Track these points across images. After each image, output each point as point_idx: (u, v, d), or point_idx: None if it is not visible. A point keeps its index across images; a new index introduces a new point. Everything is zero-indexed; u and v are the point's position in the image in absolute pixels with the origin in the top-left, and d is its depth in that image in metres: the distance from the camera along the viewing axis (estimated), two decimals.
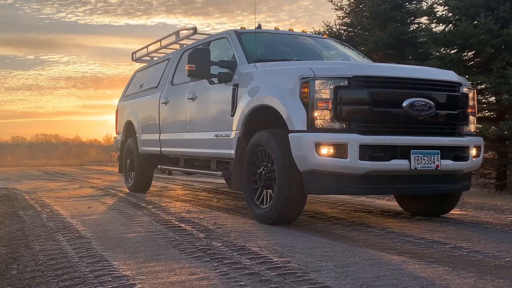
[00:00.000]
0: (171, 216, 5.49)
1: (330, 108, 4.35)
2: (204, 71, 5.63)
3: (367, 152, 4.31)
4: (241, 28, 6.30)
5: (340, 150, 4.30)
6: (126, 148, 8.85)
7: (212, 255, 3.51)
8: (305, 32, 7.01)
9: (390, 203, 6.51)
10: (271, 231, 4.48)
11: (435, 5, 12.59)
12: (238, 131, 5.28)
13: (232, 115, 5.42)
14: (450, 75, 4.90)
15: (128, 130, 8.87)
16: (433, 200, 5.27)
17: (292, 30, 6.78)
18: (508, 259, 3.34)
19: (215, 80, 5.82)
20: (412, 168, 4.42)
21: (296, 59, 5.84)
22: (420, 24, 13.48)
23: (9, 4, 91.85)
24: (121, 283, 2.88)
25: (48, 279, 3.06)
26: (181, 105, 6.82)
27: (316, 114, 4.38)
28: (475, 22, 9.99)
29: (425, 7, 12.96)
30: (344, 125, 4.36)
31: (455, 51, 10.64)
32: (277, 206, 4.62)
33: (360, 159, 4.27)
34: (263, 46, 5.85)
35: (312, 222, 5.04)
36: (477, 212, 5.81)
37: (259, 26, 6.50)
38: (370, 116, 4.38)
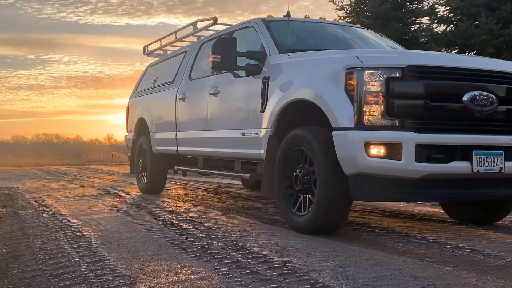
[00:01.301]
0: (172, 216, 5.48)
1: (380, 102, 3.82)
2: (230, 63, 5.12)
3: (424, 152, 3.78)
4: (268, 16, 5.78)
5: (394, 150, 3.77)
6: (138, 147, 8.35)
7: (213, 255, 3.51)
8: (337, 21, 6.51)
9: (390, 203, 6.50)
10: (272, 231, 4.48)
11: (436, 5, 12.60)
12: (269, 129, 4.79)
13: (262, 111, 4.92)
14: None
15: (141, 128, 8.37)
16: (484, 206, 4.79)
17: (324, 19, 6.32)
18: (509, 259, 3.33)
19: (240, 73, 5.37)
20: (475, 171, 3.89)
21: (330, 49, 5.14)
22: (421, 24, 13.50)
23: (10, 4, 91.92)
24: (122, 282, 2.88)
25: (49, 278, 3.06)
26: (201, 101, 6.31)
27: (365, 109, 3.85)
28: (476, 22, 10.00)
29: (426, 7, 12.98)
30: (396, 121, 3.84)
31: (456, 51, 10.64)
32: (318, 214, 4.12)
33: (417, 160, 3.74)
34: (293, 35, 5.27)
35: None
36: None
37: (288, 14, 5.97)
38: (426, 112, 3.85)
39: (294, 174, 4.42)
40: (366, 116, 3.86)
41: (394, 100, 3.82)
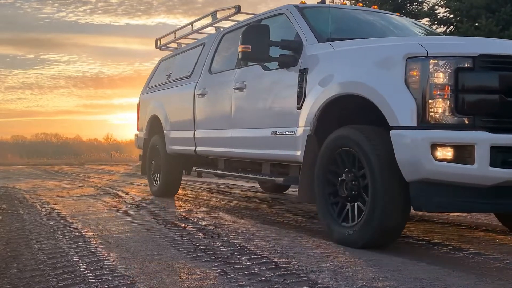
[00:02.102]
0: (171, 216, 5.48)
1: (448, 96, 3.33)
2: (262, 53, 4.57)
3: (499, 156, 3.27)
4: (301, 2, 5.31)
5: (464, 153, 3.28)
6: (151, 146, 7.75)
7: (212, 255, 3.51)
8: (376, 8, 6.03)
9: None
10: (271, 232, 4.48)
11: (436, 7, 12.61)
12: (308, 128, 4.25)
13: (299, 108, 4.38)
14: None
15: (153, 126, 7.77)
16: None
17: (362, 6, 5.70)
18: (508, 261, 3.33)
19: (270, 65, 4.88)
20: None
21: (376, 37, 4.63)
22: None
23: (10, 4, 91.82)
24: (121, 282, 2.88)
25: (48, 278, 3.06)
26: (223, 97, 5.74)
27: (430, 105, 3.35)
28: (476, 24, 10.00)
29: (426, 9, 12.99)
30: (466, 119, 3.33)
31: None
32: (370, 225, 3.58)
33: (491, 165, 3.24)
34: (331, 23, 4.63)
35: (312, 223, 5.03)
36: (477, 214, 5.80)
37: (323, 1, 5.55)
38: (502, 108, 3.34)
39: (340, 179, 3.91)
40: (432, 113, 3.36)
41: (464, 94, 3.34)
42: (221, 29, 6.78)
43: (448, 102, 3.34)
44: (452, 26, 11.40)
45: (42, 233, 4.62)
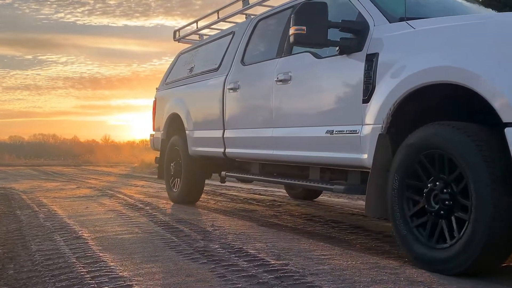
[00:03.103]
0: (169, 218, 5.48)
1: None
2: (320, 36, 3.82)
3: None
4: None
5: None
6: (170, 148, 7.02)
7: (210, 257, 3.51)
8: None
9: None
10: (269, 233, 4.48)
11: None
12: (379, 125, 3.49)
13: (366, 101, 3.64)
14: None
15: (173, 125, 7.05)
16: None
17: None
18: (506, 264, 3.33)
19: (322, 52, 4.19)
20: None
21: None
22: None
23: (8, 4, 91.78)
24: (118, 284, 2.88)
25: (45, 279, 3.05)
26: (261, 91, 5.00)
27: None
28: None
29: None
30: None
31: None
32: (476, 246, 2.84)
33: None
34: (398, 1, 3.87)
35: (309, 225, 5.03)
36: None
37: None
38: None
39: (426, 189, 3.19)
40: None
41: None
42: (252, 16, 6.11)
43: None
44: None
45: (39, 234, 4.61)
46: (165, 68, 8.10)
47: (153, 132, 7.75)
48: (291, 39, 3.91)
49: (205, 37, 7.38)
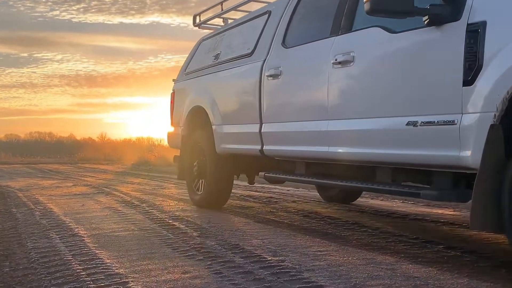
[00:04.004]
0: (165, 215, 5.47)
1: None
2: (404, 2, 3.11)
3: None
4: None
5: None
6: (192, 145, 6.24)
7: (206, 254, 3.51)
8: None
9: (384, 203, 6.51)
10: (265, 230, 4.48)
11: None
12: (492, 113, 2.72)
13: (468, 83, 2.88)
14: None
15: (196, 119, 6.20)
16: None
17: None
18: (501, 259, 3.34)
19: (394, 27, 3.42)
20: None
21: None
22: None
23: (2, 2, 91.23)
24: (114, 281, 2.87)
25: (41, 276, 3.05)
26: (313, 76, 4.22)
27: None
28: None
29: None
30: None
31: None
32: None
33: None
34: None
35: (306, 221, 5.03)
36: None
37: None
38: None
39: None
40: None
41: None
42: None
43: None
44: None
45: (35, 231, 4.60)
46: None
47: (171, 128, 6.93)
48: (366, 7, 3.17)
49: (229, 21, 6.50)
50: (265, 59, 4.93)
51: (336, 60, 3.88)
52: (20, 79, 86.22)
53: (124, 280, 2.89)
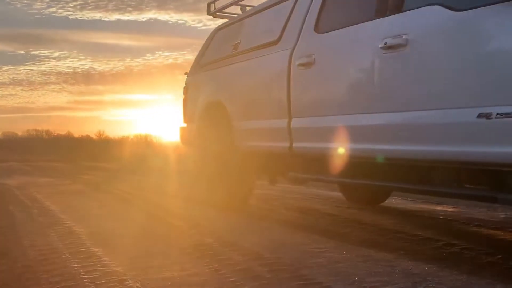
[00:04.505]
0: (163, 212, 5.46)
1: None
2: None
3: None
4: None
5: None
6: (208, 142, 5.78)
7: (204, 251, 3.50)
8: None
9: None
10: (263, 227, 4.47)
11: None
12: None
13: None
14: None
15: (212, 115, 5.67)
16: None
17: None
18: (500, 256, 3.34)
19: (456, 4, 3.00)
20: None
21: None
22: None
23: None
24: (112, 278, 2.86)
25: (38, 274, 3.03)
26: (355, 63, 3.74)
27: None
28: None
29: None
30: None
31: None
32: None
33: None
34: None
35: (304, 218, 5.03)
36: (470, 209, 5.81)
37: None
38: None
39: None
40: None
41: None
42: None
43: None
44: None
45: (33, 229, 4.58)
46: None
47: (184, 125, 6.46)
48: None
49: (247, 8, 6.00)
50: (294, 47, 4.39)
51: (385, 44, 3.37)
52: (17, 76, 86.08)
53: (122, 277, 2.88)
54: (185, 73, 6.66)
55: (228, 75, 5.47)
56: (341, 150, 3.84)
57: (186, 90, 6.46)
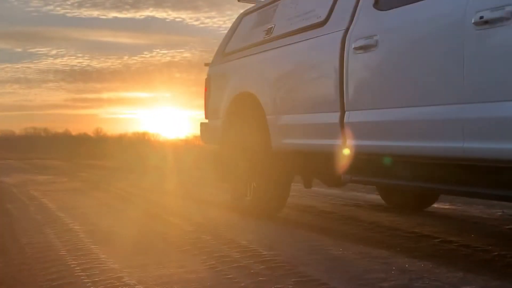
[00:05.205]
0: (161, 210, 5.46)
1: None
2: None
3: None
4: None
5: None
6: (237, 140, 5.10)
7: (202, 249, 3.50)
8: None
9: (379, 197, 6.51)
10: (261, 225, 4.47)
11: None
12: None
13: None
14: None
15: (241, 109, 5.07)
16: None
17: None
18: (496, 253, 3.34)
19: None
20: None
21: None
22: None
23: None
24: (109, 275, 2.86)
25: (35, 272, 3.03)
26: (435, 44, 3.06)
27: None
28: None
29: None
30: None
31: None
32: None
33: None
34: None
35: (301, 215, 5.03)
36: (467, 206, 5.83)
37: None
38: None
39: None
40: None
41: None
42: None
43: None
44: None
45: (30, 227, 4.58)
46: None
47: (206, 120, 5.81)
48: None
49: None
50: (348, 28, 3.74)
51: (481, 18, 2.74)
52: (14, 74, 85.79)
53: (119, 274, 2.88)
54: (205, 64, 6.03)
55: (262, 63, 4.82)
56: (411, 149, 3.20)
57: (208, 82, 5.80)
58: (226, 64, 5.51)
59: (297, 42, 4.34)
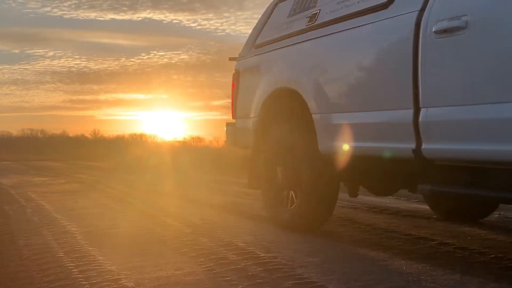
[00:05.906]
0: (158, 211, 5.46)
1: None
2: None
3: None
4: None
5: None
6: (274, 142, 4.48)
7: (199, 251, 3.50)
8: None
9: (376, 199, 6.52)
10: (258, 227, 4.47)
11: None
12: None
13: None
14: None
15: (279, 106, 4.49)
16: None
17: None
18: (493, 255, 3.35)
19: None
20: None
21: None
22: None
23: None
24: (106, 277, 2.86)
25: (33, 273, 3.03)
26: None
27: None
28: None
29: None
30: None
31: None
32: None
33: None
34: None
35: None
36: None
37: None
38: None
39: None
40: None
41: None
42: None
43: None
44: None
45: (27, 228, 4.57)
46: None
47: (234, 121, 5.18)
48: None
49: None
50: (424, 8, 3.07)
51: None
52: (12, 75, 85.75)
53: (117, 277, 2.88)
54: (230, 58, 5.39)
55: (305, 54, 4.18)
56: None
57: (236, 77, 5.14)
58: (259, 56, 4.87)
59: (352, 27, 3.67)
